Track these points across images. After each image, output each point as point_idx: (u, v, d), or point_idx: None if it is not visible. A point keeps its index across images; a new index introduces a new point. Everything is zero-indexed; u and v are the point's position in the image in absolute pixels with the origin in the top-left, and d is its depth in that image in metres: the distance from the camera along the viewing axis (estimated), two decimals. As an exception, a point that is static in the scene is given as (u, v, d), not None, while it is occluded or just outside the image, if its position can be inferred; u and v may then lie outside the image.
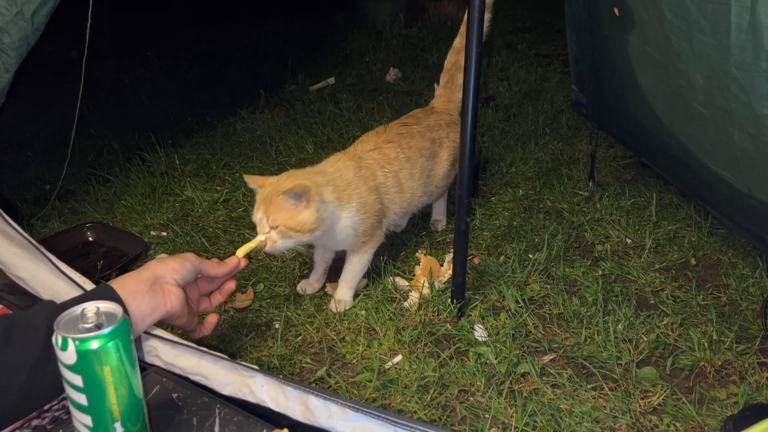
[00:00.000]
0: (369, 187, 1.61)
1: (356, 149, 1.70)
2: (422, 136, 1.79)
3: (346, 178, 1.57)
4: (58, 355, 0.74)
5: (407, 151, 1.73)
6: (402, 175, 1.71)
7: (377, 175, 1.65)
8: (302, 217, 1.42)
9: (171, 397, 0.91)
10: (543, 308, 1.65)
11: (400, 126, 1.80)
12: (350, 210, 1.55)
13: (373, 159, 1.66)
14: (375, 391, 1.38)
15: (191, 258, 1.04)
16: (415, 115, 1.89)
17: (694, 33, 1.30)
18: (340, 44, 4.02)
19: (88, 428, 0.77)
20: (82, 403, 0.75)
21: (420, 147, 1.76)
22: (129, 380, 0.77)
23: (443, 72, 1.98)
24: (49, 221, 2.13)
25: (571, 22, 2.06)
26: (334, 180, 1.54)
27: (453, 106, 1.96)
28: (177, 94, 3.31)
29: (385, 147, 1.70)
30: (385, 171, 1.67)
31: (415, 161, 1.74)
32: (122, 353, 0.75)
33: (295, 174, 1.52)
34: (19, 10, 1.69)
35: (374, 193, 1.62)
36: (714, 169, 1.50)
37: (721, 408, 1.33)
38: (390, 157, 1.69)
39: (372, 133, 1.78)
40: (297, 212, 1.42)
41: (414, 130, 1.79)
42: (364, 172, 1.62)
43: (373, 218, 1.62)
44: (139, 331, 0.94)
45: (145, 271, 0.96)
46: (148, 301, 0.93)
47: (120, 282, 0.93)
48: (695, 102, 1.42)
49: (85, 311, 0.76)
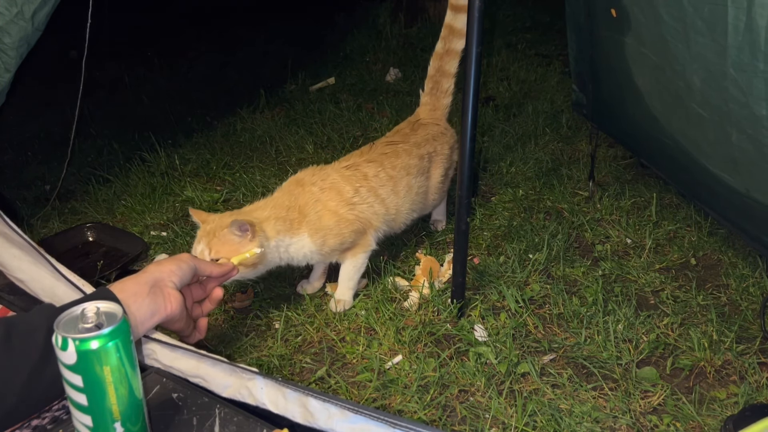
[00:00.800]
0: (328, 209, 1.57)
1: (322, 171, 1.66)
2: (409, 154, 1.75)
3: (297, 205, 1.54)
4: (58, 355, 0.74)
5: (390, 171, 1.69)
6: (382, 192, 1.67)
7: (344, 192, 1.61)
8: (247, 249, 1.40)
9: (171, 397, 0.91)
10: (543, 308, 1.65)
11: (386, 145, 1.77)
12: (301, 236, 1.54)
13: (343, 177, 1.63)
14: (375, 391, 1.38)
15: (187, 259, 1.04)
16: (402, 132, 1.85)
17: (691, 34, 1.30)
18: (340, 44, 4.01)
19: (88, 428, 0.77)
20: (82, 403, 0.75)
21: (406, 165, 1.73)
22: (129, 380, 0.77)
23: (427, 78, 1.95)
24: (49, 221, 2.13)
25: (572, 22, 2.06)
26: (278, 212, 1.51)
27: (439, 114, 1.94)
28: (177, 94, 3.31)
29: (364, 166, 1.67)
30: (358, 187, 1.63)
31: (399, 180, 1.71)
32: (122, 353, 0.75)
33: (238, 212, 1.52)
34: (19, 10, 1.69)
35: (334, 215, 1.58)
36: (712, 170, 1.50)
37: (721, 408, 1.33)
38: (367, 175, 1.65)
39: (356, 152, 1.75)
40: (241, 246, 1.40)
41: (400, 149, 1.75)
42: (326, 193, 1.59)
43: (336, 238, 1.58)
44: (139, 335, 0.94)
45: (145, 275, 0.96)
46: (148, 304, 0.93)
47: (120, 285, 0.92)
48: (693, 103, 1.42)
49: (85, 311, 0.75)
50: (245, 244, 1.41)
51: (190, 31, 4.07)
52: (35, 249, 1.29)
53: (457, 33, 1.86)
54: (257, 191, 2.27)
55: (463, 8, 1.81)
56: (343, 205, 1.59)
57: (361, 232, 1.64)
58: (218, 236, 1.40)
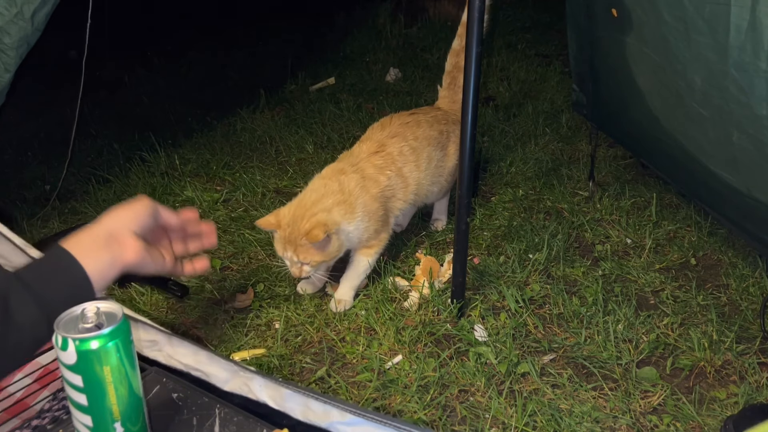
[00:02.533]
0: (372, 196, 1.65)
1: (359, 151, 1.74)
2: (430, 126, 1.83)
3: (348, 189, 1.61)
4: (58, 355, 0.74)
5: (413, 142, 1.76)
6: (405, 170, 1.74)
7: (380, 180, 1.68)
8: (328, 250, 1.55)
9: (171, 397, 0.91)
10: (543, 308, 1.65)
11: (408, 115, 1.84)
12: (357, 221, 1.60)
13: (376, 167, 1.69)
14: (375, 391, 1.38)
15: (145, 201, 1.00)
16: (423, 109, 1.94)
17: (692, 34, 1.30)
18: (340, 44, 4.01)
19: (88, 428, 0.77)
20: (82, 403, 0.75)
21: (427, 136, 1.81)
22: (129, 380, 0.77)
23: (445, 74, 2.01)
24: (49, 221, 2.13)
25: (572, 22, 2.06)
26: (337, 197, 1.58)
27: (457, 107, 1.95)
28: (177, 94, 3.31)
29: (389, 144, 1.73)
30: (389, 173, 1.70)
31: (421, 151, 1.77)
32: (122, 353, 0.75)
33: (307, 207, 1.55)
34: (19, 10, 1.69)
35: (378, 201, 1.66)
36: (713, 169, 1.50)
37: (721, 408, 1.33)
38: (393, 154, 1.72)
39: (376, 126, 1.82)
40: (322, 248, 1.53)
41: (421, 119, 1.83)
42: (366, 182, 1.66)
43: (377, 223, 1.65)
44: (101, 288, 0.90)
45: (99, 226, 0.92)
46: (105, 256, 0.89)
47: (74, 240, 0.88)
48: (694, 102, 1.42)
49: (85, 311, 0.75)
50: (324, 245, 1.53)
51: (190, 31, 4.07)
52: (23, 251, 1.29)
53: None
54: (257, 191, 2.27)
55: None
56: (379, 193, 1.67)
57: (385, 222, 1.69)
58: (301, 245, 1.50)
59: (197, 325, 1.61)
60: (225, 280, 1.78)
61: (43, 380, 1.08)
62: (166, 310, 1.67)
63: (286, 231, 1.52)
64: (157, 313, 1.66)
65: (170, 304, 1.70)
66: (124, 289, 1.75)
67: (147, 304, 1.68)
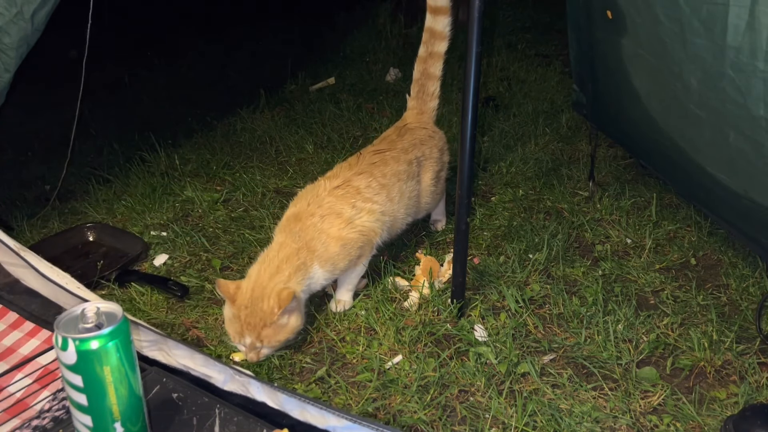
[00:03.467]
0: (332, 236, 1.56)
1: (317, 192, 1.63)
2: (397, 161, 1.74)
3: (304, 244, 1.52)
4: (58, 355, 0.74)
5: (381, 180, 1.68)
6: (377, 200, 1.65)
7: (343, 212, 1.59)
8: (291, 325, 1.44)
9: (171, 397, 0.91)
10: (543, 308, 1.65)
11: (373, 155, 1.74)
12: (314, 270, 1.53)
13: (337, 197, 1.61)
14: (375, 391, 1.39)
15: None
16: (388, 139, 1.83)
17: (687, 35, 1.30)
18: (340, 44, 4.01)
19: (88, 428, 0.77)
20: (82, 403, 0.76)
21: (396, 172, 1.72)
22: (129, 380, 0.77)
23: (413, 82, 1.94)
24: (49, 221, 2.13)
25: (572, 22, 2.06)
26: (292, 263, 1.48)
27: (426, 117, 1.93)
28: (177, 94, 3.31)
29: (355, 180, 1.65)
30: (354, 202, 1.61)
31: (392, 187, 1.69)
32: (122, 353, 0.75)
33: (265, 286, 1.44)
34: (19, 11, 1.69)
35: (339, 240, 1.56)
36: (710, 171, 1.50)
37: (721, 408, 1.33)
38: (359, 188, 1.63)
39: (344, 164, 1.72)
40: (287, 323, 1.43)
41: (388, 157, 1.74)
42: (326, 221, 1.57)
43: (345, 259, 1.58)
44: None
45: None
46: None
47: None
48: (690, 104, 1.42)
49: (85, 311, 0.76)
50: (288, 318, 1.43)
51: (190, 31, 4.07)
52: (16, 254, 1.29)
53: (438, 36, 1.87)
54: (257, 191, 2.27)
55: (442, 10, 1.84)
56: (344, 226, 1.58)
57: (367, 244, 1.64)
58: (270, 326, 1.40)
59: (197, 325, 1.61)
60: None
61: (43, 380, 1.08)
62: (166, 310, 1.67)
63: (243, 311, 1.40)
64: (157, 313, 1.66)
65: (170, 304, 1.70)
66: (124, 289, 1.75)
67: (147, 304, 1.68)
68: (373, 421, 0.87)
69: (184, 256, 1.92)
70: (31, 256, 1.31)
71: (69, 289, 1.20)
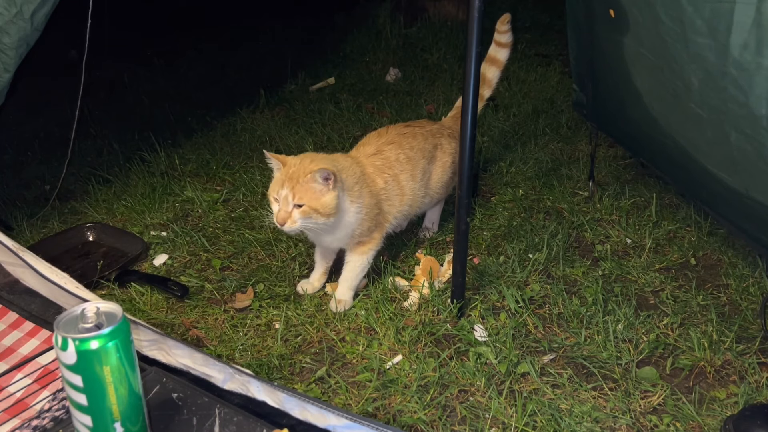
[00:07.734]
0: (371, 192, 1.63)
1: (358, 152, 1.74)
2: (425, 139, 1.81)
3: (356, 174, 1.61)
4: (58, 355, 0.74)
5: (408, 152, 1.74)
6: (402, 178, 1.72)
7: (377, 182, 1.67)
8: (326, 199, 1.49)
9: (171, 397, 0.91)
10: (543, 308, 1.65)
11: (403, 127, 1.83)
12: (357, 206, 1.58)
13: (373, 166, 1.69)
14: (375, 391, 1.39)
15: None
16: (420, 122, 1.92)
17: (689, 34, 1.30)
18: (340, 44, 4.01)
19: (88, 428, 0.77)
20: (82, 403, 0.76)
21: (422, 148, 1.79)
22: (129, 380, 0.77)
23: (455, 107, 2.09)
24: (49, 221, 2.13)
25: (572, 22, 2.06)
26: (348, 172, 1.58)
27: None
28: (177, 94, 3.31)
29: (386, 149, 1.72)
30: (386, 176, 1.69)
31: (417, 162, 1.75)
32: (122, 353, 0.75)
33: (317, 158, 1.56)
34: (19, 10, 1.69)
35: (375, 198, 1.65)
36: (711, 170, 1.50)
37: (721, 408, 1.33)
38: (390, 161, 1.71)
39: (373, 134, 1.81)
40: (322, 194, 1.48)
41: (416, 132, 1.81)
42: (367, 177, 1.65)
43: (371, 221, 1.64)
44: None
45: None
46: None
47: None
48: (691, 103, 1.42)
49: (85, 311, 0.76)
50: (325, 192, 1.48)
51: (190, 31, 4.07)
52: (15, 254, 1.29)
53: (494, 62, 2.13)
54: (257, 191, 2.27)
55: (506, 45, 2.07)
56: (378, 192, 1.67)
57: (378, 223, 1.67)
58: (301, 182, 1.47)
59: (197, 325, 1.61)
60: (225, 280, 1.78)
61: (43, 380, 1.08)
62: (166, 310, 1.67)
63: (290, 169, 1.50)
64: (157, 313, 1.66)
65: (170, 304, 1.70)
66: (124, 289, 1.75)
67: (147, 304, 1.68)
68: (373, 420, 0.87)
69: (184, 256, 1.92)
70: (30, 257, 1.31)
71: (68, 289, 1.20)
